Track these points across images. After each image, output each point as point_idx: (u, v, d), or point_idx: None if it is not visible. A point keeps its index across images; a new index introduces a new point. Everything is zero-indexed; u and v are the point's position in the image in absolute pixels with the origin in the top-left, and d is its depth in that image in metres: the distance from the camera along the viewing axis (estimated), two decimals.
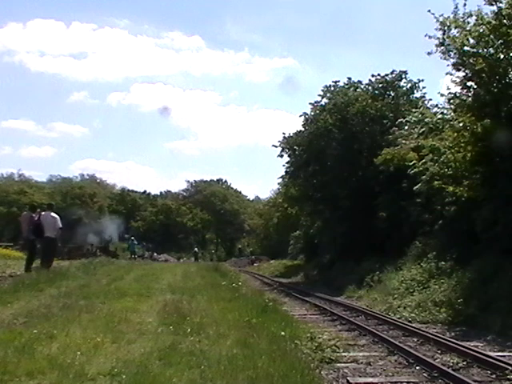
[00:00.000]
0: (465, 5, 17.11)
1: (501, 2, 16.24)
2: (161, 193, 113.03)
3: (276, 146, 38.24)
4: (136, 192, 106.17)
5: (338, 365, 10.40)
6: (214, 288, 16.66)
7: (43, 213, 18.75)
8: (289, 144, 37.70)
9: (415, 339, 13.28)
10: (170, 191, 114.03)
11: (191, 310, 10.97)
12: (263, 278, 43.24)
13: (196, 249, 75.67)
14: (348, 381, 9.28)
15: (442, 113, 20.72)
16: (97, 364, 6.63)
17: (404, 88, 35.52)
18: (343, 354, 11.42)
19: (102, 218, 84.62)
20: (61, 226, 18.57)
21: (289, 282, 39.19)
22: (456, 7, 17.22)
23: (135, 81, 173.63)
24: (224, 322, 9.96)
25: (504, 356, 10.90)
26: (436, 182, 20.04)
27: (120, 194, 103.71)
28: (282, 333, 10.30)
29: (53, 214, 18.61)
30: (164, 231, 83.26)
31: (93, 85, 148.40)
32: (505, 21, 16.16)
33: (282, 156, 38.31)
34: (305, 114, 37.32)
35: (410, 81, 35.49)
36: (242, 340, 8.48)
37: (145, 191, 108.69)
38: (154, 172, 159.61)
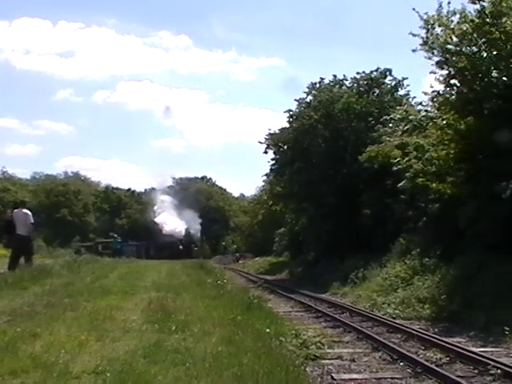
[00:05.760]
0: (449, 3, 17.26)
1: (484, 1, 16.35)
2: (145, 190, 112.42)
3: (261, 143, 38.31)
4: (121, 189, 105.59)
5: (323, 361, 10.44)
6: (199, 285, 16.65)
7: (16, 210, 18.58)
8: (274, 141, 37.72)
9: (399, 335, 13.35)
10: (154, 188, 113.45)
11: (176, 307, 10.95)
12: (248, 276, 43.31)
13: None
14: (333, 377, 9.33)
15: (425, 110, 20.89)
16: (81, 362, 6.60)
17: (388, 86, 35.68)
18: (328, 350, 11.47)
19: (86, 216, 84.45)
20: (32, 221, 18.37)
21: (274, 279, 39.26)
22: (440, 6, 17.35)
23: (121, 79, 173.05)
24: (209, 320, 9.96)
25: (486, 351, 11.00)
26: (420, 180, 20.16)
27: (104, 191, 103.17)
28: (267, 330, 10.33)
29: (24, 211, 18.41)
30: (148, 229, 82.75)
31: (79, 83, 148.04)
32: (488, 19, 16.27)
33: (266, 152, 38.41)
34: (289, 110, 37.38)
35: (395, 78, 35.70)
36: (227, 337, 8.48)
37: (129, 189, 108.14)
38: (139, 170, 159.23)
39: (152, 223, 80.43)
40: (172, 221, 77.78)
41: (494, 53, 16.64)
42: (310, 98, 36.67)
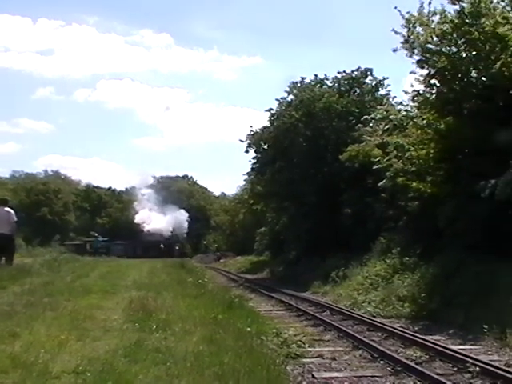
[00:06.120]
0: (430, 3, 17.37)
1: (463, 2, 16.49)
2: (126, 189, 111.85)
3: (242, 141, 38.31)
4: (101, 188, 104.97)
5: (304, 360, 10.49)
6: (180, 284, 16.62)
7: None
8: (255, 140, 37.73)
9: (379, 334, 13.45)
10: (135, 187, 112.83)
11: (157, 306, 10.92)
12: (229, 275, 43.37)
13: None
14: (313, 376, 9.37)
15: (406, 110, 20.98)
16: (61, 362, 6.56)
17: (369, 85, 35.86)
18: (309, 349, 11.53)
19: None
20: (15, 219, 18.18)
21: (255, 278, 39.32)
22: (421, 5, 17.46)
23: (103, 78, 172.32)
24: (190, 319, 9.94)
25: (465, 349, 11.14)
26: (400, 179, 20.27)
27: (85, 190, 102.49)
28: (248, 329, 10.34)
29: (6, 209, 18.19)
30: (130, 227, 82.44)
31: (59, 81, 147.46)
32: (467, 20, 16.40)
33: (247, 151, 38.42)
34: (270, 109, 37.43)
35: (375, 78, 35.92)
36: (208, 336, 8.48)
37: (110, 187, 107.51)
38: (120, 168, 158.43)
39: (132, 223, 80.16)
40: (154, 218, 77.48)
41: (474, 53, 16.77)
42: (291, 97, 36.77)
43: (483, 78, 17.01)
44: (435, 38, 17.12)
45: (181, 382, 6.06)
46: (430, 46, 17.21)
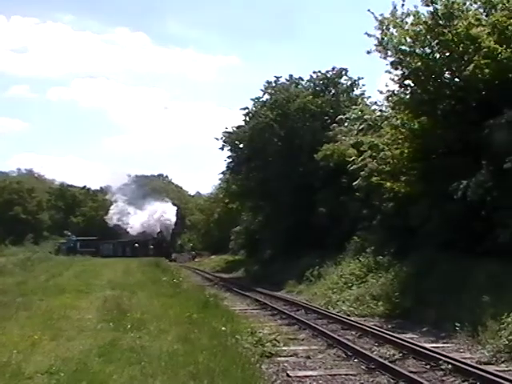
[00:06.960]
0: (403, 5, 17.48)
1: (436, 3, 16.63)
2: (101, 188, 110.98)
3: (217, 139, 38.27)
4: (76, 187, 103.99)
5: (278, 359, 10.53)
6: (155, 284, 16.60)
7: None
8: (231, 139, 37.70)
9: (353, 332, 13.54)
10: (110, 186, 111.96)
11: (132, 305, 10.91)
12: (204, 274, 43.27)
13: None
14: (288, 374, 9.41)
15: (380, 110, 21.12)
16: (34, 362, 6.53)
17: (344, 85, 35.99)
18: (283, 348, 11.56)
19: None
20: None
21: (230, 277, 39.28)
22: (394, 7, 17.56)
23: (78, 76, 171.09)
24: (165, 318, 9.95)
25: (438, 347, 11.28)
26: (374, 178, 20.39)
27: (59, 188, 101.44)
28: (223, 328, 10.36)
29: None
30: (105, 227, 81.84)
31: (33, 79, 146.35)
32: (440, 21, 16.55)
33: (222, 148, 38.34)
34: (246, 108, 37.42)
35: (350, 78, 36.02)
36: (183, 335, 8.49)
37: (84, 186, 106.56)
38: (95, 167, 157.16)
39: (106, 222, 79.73)
40: (133, 214, 76.95)
41: (447, 54, 16.93)
42: (266, 96, 36.79)
43: (456, 79, 17.19)
44: (409, 40, 17.23)
45: (155, 381, 6.07)
46: (403, 47, 17.32)
